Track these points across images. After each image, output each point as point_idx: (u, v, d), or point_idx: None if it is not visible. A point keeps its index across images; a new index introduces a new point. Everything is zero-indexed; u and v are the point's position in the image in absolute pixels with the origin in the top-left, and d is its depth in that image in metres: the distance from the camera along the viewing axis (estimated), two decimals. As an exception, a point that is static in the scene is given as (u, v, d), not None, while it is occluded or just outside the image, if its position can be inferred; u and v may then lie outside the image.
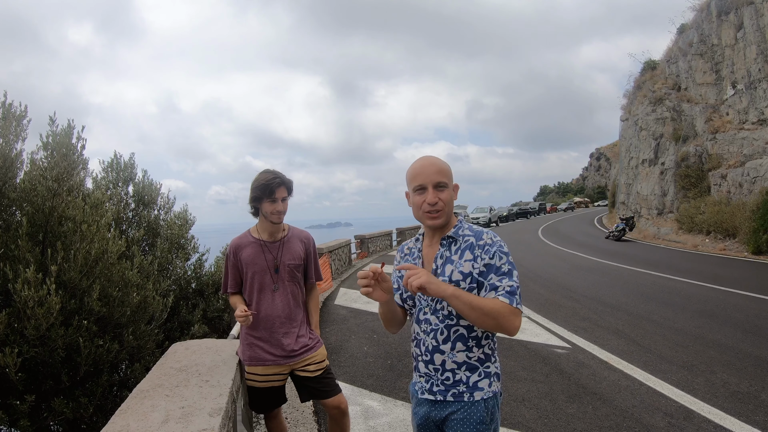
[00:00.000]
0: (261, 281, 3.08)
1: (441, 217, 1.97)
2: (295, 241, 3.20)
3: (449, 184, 2.00)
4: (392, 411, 4.57)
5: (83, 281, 4.61)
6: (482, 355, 1.96)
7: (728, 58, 24.71)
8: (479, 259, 1.91)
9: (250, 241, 3.13)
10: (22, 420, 4.09)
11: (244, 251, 3.10)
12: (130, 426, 2.02)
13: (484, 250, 1.91)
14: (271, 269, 3.09)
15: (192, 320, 6.80)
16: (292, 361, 3.08)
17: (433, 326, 1.99)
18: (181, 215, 7.52)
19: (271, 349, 3.06)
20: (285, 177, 3.06)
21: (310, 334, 3.21)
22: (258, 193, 3.00)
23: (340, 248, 15.80)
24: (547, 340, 6.79)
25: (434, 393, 1.99)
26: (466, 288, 1.91)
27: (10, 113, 4.73)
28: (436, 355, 1.97)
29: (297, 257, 3.16)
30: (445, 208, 1.97)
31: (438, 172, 1.96)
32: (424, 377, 2.04)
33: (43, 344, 4.23)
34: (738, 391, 4.80)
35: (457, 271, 1.93)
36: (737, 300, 9.34)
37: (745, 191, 20.76)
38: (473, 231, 2.00)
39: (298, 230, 3.29)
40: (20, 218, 4.66)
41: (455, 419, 1.94)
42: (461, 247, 1.97)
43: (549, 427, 4.17)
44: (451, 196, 2.00)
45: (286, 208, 3.09)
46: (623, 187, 36.29)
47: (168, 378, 2.65)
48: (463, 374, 1.95)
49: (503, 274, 1.88)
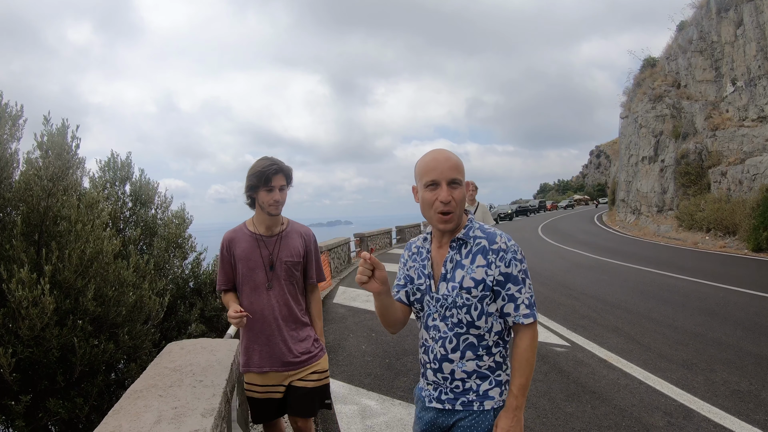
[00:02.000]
0: (255, 278, 2.83)
1: (452, 220, 1.84)
2: (295, 237, 2.95)
3: (463, 182, 1.86)
4: (390, 410, 4.55)
5: (78, 281, 4.59)
6: (493, 363, 1.87)
7: (728, 55, 24.68)
8: (493, 266, 1.81)
9: (245, 234, 2.88)
10: (18, 420, 4.07)
11: (238, 245, 2.85)
12: (123, 427, 1.99)
13: (499, 256, 1.81)
14: (266, 266, 2.83)
15: (189, 319, 6.78)
16: (291, 369, 2.84)
17: (441, 334, 1.88)
18: (178, 214, 7.50)
19: (267, 354, 2.83)
20: (283, 164, 2.80)
21: (314, 341, 2.96)
22: (253, 181, 2.75)
23: (340, 246, 15.79)
24: (546, 339, 6.77)
25: (443, 401, 1.90)
26: (479, 296, 1.82)
27: (6, 113, 4.70)
28: (444, 363, 1.87)
29: (295, 254, 2.90)
30: (457, 210, 1.83)
31: (453, 168, 1.82)
32: (432, 385, 1.95)
33: (38, 344, 4.21)
34: (738, 390, 4.78)
35: (469, 277, 1.83)
36: (737, 298, 9.31)
37: (745, 188, 20.74)
38: (485, 232, 1.88)
39: (298, 225, 3.04)
40: (15, 218, 4.64)
41: (462, 426, 1.86)
42: (472, 250, 1.86)
43: (547, 426, 4.14)
44: (464, 195, 1.87)
45: (285, 199, 2.83)
46: (623, 184, 36.26)
47: (162, 378, 2.62)
48: (473, 383, 1.87)
49: (520, 283, 1.82)
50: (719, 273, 12.54)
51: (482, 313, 1.84)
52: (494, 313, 1.86)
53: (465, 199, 1.88)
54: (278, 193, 2.77)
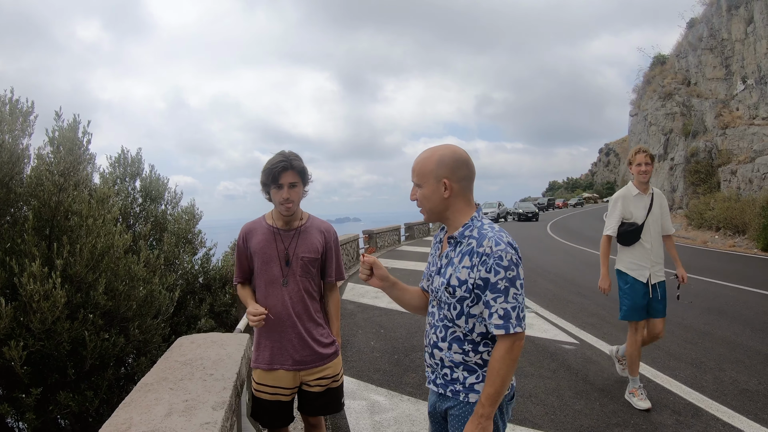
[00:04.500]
0: (270, 273, 2.74)
1: (424, 213, 1.99)
2: (314, 232, 2.84)
3: (425, 183, 1.93)
4: (398, 406, 4.56)
5: (89, 275, 4.62)
6: (480, 361, 1.89)
7: (738, 53, 24.51)
8: (475, 269, 1.82)
9: (263, 226, 2.79)
10: (28, 413, 4.11)
11: (254, 238, 2.77)
12: (134, 419, 2.01)
13: (481, 260, 1.80)
14: (281, 260, 2.73)
15: (199, 314, 6.82)
16: (302, 368, 2.76)
17: (435, 321, 1.97)
18: (188, 210, 7.54)
19: (279, 351, 2.74)
20: (295, 160, 2.68)
21: (328, 343, 2.85)
22: (264, 178, 2.68)
23: (348, 243, 15.83)
24: (555, 336, 6.76)
25: (437, 385, 1.99)
26: (459, 296, 1.86)
27: (17, 109, 4.74)
28: (435, 350, 1.96)
29: (313, 250, 2.79)
30: (427, 205, 1.95)
31: (414, 171, 1.97)
32: (430, 368, 2.04)
33: (49, 338, 4.25)
34: (747, 389, 4.76)
35: (455, 276, 1.87)
36: (747, 297, 9.26)
37: (755, 187, 20.62)
38: (479, 233, 1.87)
39: (319, 221, 2.92)
40: (27, 213, 4.68)
41: (452, 414, 1.93)
42: (463, 250, 1.88)
43: (556, 423, 4.14)
44: (433, 193, 1.92)
45: (298, 196, 2.72)
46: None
47: (172, 371, 2.64)
48: (460, 374, 1.91)
49: (498, 292, 1.77)
50: (729, 272, 12.47)
51: (462, 314, 1.88)
52: (478, 315, 1.87)
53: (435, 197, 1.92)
54: (287, 190, 2.66)
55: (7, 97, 4.68)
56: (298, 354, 2.75)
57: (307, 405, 2.86)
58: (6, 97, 4.68)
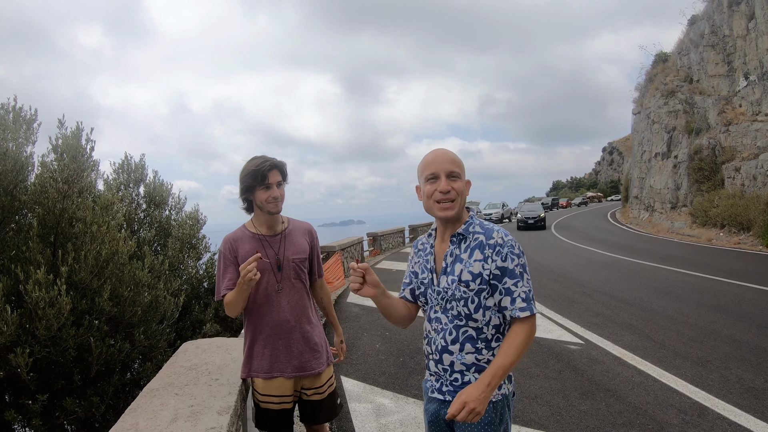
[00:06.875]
0: (262, 281, 2.67)
1: (453, 208, 1.92)
2: (299, 234, 2.84)
3: (462, 176, 1.95)
4: (404, 408, 4.56)
5: (94, 281, 4.64)
6: (492, 358, 1.90)
7: (740, 49, 24.44)
8: (490, 260, 1.87)
9: (248, 235, 2.72)
10: (35, 419, 4.13)
11: (243, 247, 2.68)
12: (140, 425, 2.02)
13: (495, 251, 1.87)
14: (273, 267, 2.69)
15: (204, 319, 6.84)
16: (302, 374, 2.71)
17: (442, 325, 1.96)
18: (192, 215, 7.56)
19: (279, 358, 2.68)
20: (276, 159, 2.68)
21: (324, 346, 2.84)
22: (249, 182, 2.62)
23: (353, 246, 15.82)
24: (560, 336, 6.75)
25: (443, 393, 1.96)
26: (476, 289, 1.88)
27: (20, 117, 4.77)
28: (444, 355, 1.94)
29: (302, 251, 2.79)
30: (458, 199, 1.92)
31: (451, 162, 1.93)
32: (434, 376, 2.01)
33: (55, 344, 4.27)
34: (753, 387, 4.74)
35: (467, 271, 1.89)
36: (752, 294, 9.22)
37: (760, 184, 20.54)
38: (483, 228, 1.94)
39: (299, 222, 2.92)
40: (31, 220, 4.70)
41: None
42: (471, 245, 1.92)
43: (561, 424, 4.13)
44: (464, 188, 1.95)
45: (283, 195, 2.71)
46: (636, 181, 36.01)
47: (178, 377, 2.65)
48: (471, 376, 1.91)
49: (517, 277, 1.86)
50: (734, 269, 12.42)
51: (479, 306, 1.90)
52: (492, 307, 1.91)
53: (465, 193, 1.96)
54: (276, 189, 2.65)
55: (10, 105, 4.71)
56: (297, 359, 2.71)
57: (312, 415, 2.84)
58: (9, 105, 4.71)
